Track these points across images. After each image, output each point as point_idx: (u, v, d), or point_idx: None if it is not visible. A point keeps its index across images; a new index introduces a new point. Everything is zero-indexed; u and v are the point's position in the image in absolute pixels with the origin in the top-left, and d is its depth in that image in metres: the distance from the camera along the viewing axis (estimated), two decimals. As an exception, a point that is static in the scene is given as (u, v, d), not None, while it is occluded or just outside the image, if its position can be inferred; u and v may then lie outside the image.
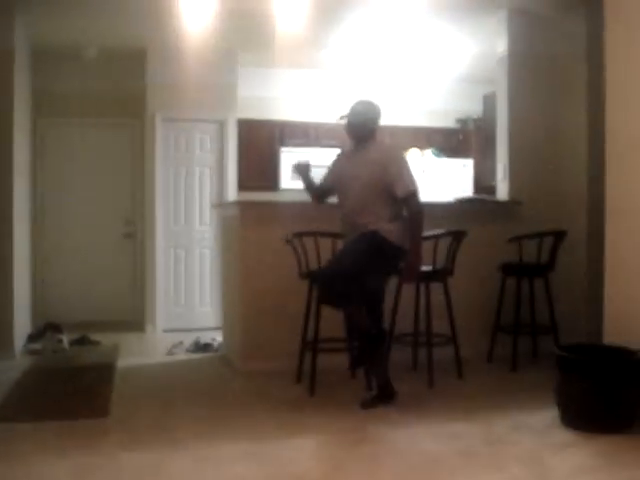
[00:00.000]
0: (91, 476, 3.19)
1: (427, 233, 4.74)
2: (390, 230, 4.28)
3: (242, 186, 7.69)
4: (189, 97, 7.09)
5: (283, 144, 8.22)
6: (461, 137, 8.83)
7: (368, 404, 4.21)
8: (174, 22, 6.12)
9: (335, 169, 4.67)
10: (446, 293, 4.91)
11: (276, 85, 8.28)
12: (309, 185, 4.74)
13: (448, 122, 8.91)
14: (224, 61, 7.33)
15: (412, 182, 4.28)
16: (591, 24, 5.51)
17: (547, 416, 3.96)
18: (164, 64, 7.05)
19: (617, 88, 4.21)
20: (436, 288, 4.87)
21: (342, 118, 4.53)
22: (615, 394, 3.71)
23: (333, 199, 4.68)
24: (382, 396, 4.28)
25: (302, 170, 4.69)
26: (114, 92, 7.33)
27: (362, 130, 4.48)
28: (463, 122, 8.87)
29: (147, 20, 6.22)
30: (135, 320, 7.42)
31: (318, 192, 4.76)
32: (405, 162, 4.40)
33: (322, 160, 8.08)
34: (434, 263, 4.78)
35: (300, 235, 4.68)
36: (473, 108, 8.49)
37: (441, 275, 4.87)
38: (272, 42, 6.89)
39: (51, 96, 7.26)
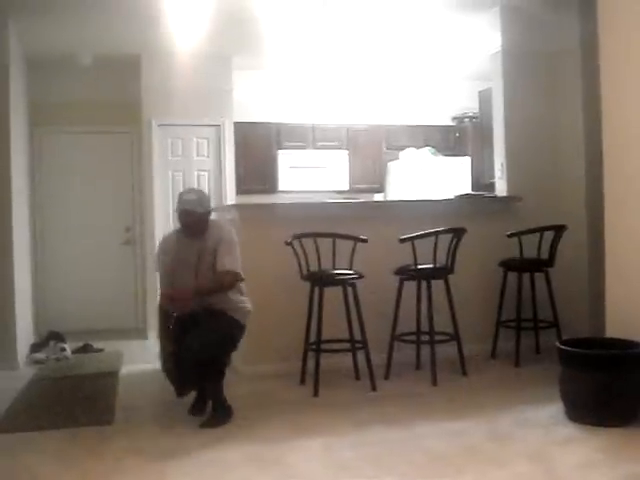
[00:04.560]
0: (97, 484, 3.19)
1: (427, 231, 4.76)
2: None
3: (240, 189, 7.69)
4: (185, 102, 7.11)
5: (280, 146, 8.22)
6: (457, 135, 8.84)
7: (208, 424, 4.02)
8: (168, 28, 6.14)
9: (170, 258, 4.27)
10: (447, 290, 4.91)
11: (272, 87, 8.28)
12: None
13: (444, 120, 8.91)
14: (219, 65, 7.33)
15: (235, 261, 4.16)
16: (584, 19, 5.51)
17: (552, 411, 3.97)
18: (159, 70, 7.06)
19: (612, 82, 4.21)
20: (437, 286, 4.88)
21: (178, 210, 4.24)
22: (619, 387, 3.71)
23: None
24: (224, 414, 4.10)
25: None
26: (110, 99, 7.34)
27: (194, 217, 4.18)
28: (459, 119, 8.87)
29: (141, 26, 6.23)
30: (137, 327, 7.42)
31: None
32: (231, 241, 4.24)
33: (319, 162, 8.22)
34: (435, 261, 4.78)
35: (300, 237, 4.68)
36: (469, 105, 8.49)
37: (442, 273, 4.88)
38: (266, 45, 6.93)
39: (47, 105, 7.27)
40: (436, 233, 4.78)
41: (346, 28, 6.64)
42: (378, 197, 8.54)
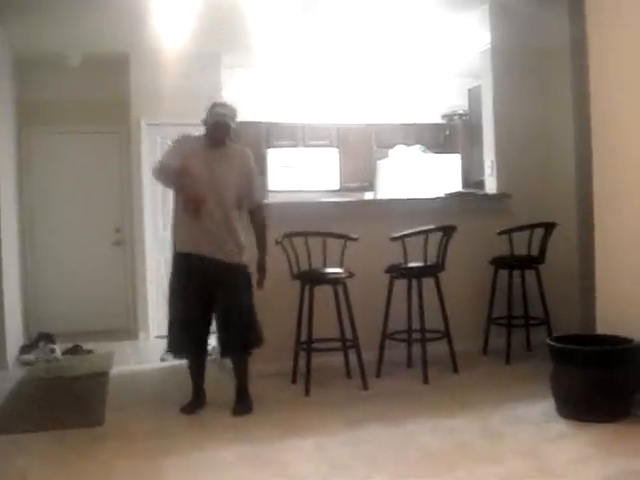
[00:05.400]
0: (88, 485, 3.17)
1: (417, 229, 4.76)
2: (246, 260, 4.28)
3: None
4: (174, 101, 7.06)
5: (270, 145, 8.20)
6: (447, 132, 8.84)
7: (242, 411, 4.16)
8: (156, 26, 6.12)
9: (195, 163, 4.11)
10: (438, 288, 4.92)
11: (261, 86, 8.27)
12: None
13: (434, 118, 8.92)
14: (208, 63, 7.30)
15: (262, 192, 4.33)
16: (574, 17, 5.52)
17: (543, 407, 3.98)
18: (148, 69, 7.02)
19: (601, 80, 4.22)
20: (428, 284, 4.88)
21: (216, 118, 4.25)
22: (610, 383, 3.73)
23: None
24: (250, 401, 4.28)
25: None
26: (98, 98, 7.30)
27: (228, 130, 4.27)
28: (449, 117, 8.88)
29: (129, 25, 6.20)
30: (127, 327, 7.40)
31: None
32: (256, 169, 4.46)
33: (309, 160, 8.21)
34: (425, 259, 4.78)
35: (290, 236, 4.67)
36: (458, 103, 8.50)
37: (432, 270, 4.88)
38: (255, 43, 6.91)
39: (35, 105, 7.23)
40: (426, 231, 4.78)
41: (336, 26, 6.63)
42: (369, 195, 8.54)
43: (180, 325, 4.16)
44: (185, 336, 4.16)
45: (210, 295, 4.14)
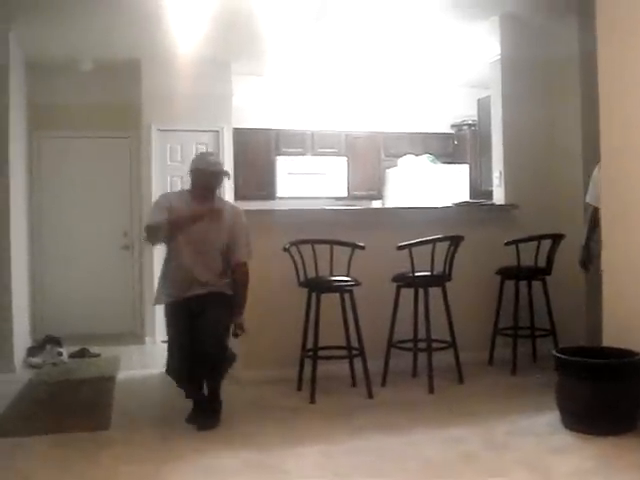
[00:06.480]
0: (92, 489, 3.19)
1: (424, 238, 4.76)
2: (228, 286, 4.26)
3: (239, 195, 7.68)
4: (184, 107, 7.12)
5: (279, 152, 8.23)
6: (456, 142, 8.85)
7: (209, 425, 4.04)
8: (168, 33, 6.16)
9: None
10: (444, 298, 4.92)
11: (271, 93, 8.30)
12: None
13: (443, 127, 8.93)
14: (218, 70, 7.34)
15: (248, 250, 4.26)
16: (583, 28, 5.53)
17: (548, 419, 3.97)
18: (159, 75, 7.07)
19: (610, 91, 4.22)
20: (434, 293, 4.88)
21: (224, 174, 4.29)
22: (615, 397, 3.72)
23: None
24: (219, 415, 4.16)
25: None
26: (109, 103, 7.34)
27: (221, 180, 4.28)
28: (458, 127, 8.89)
29: (141, 31, 6.24)
30: (134, 332, 7.41)
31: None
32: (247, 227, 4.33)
33: (317, 168, 8.23)
34: (432, 268, 4.79)
35: (297, 243, 4.68)
36: (467, 113, 8.51)
37: (439, 280, 4.88)
38: (266, 51, 6.94)
39: (47, 109, 7.26)
40: (434, 240, 4.78)
41: (346, 35, 6.66)
42: (376, 204, 8.55)
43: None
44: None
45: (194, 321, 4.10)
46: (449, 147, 8.86)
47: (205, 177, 4.17)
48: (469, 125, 8.64)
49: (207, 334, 3.99)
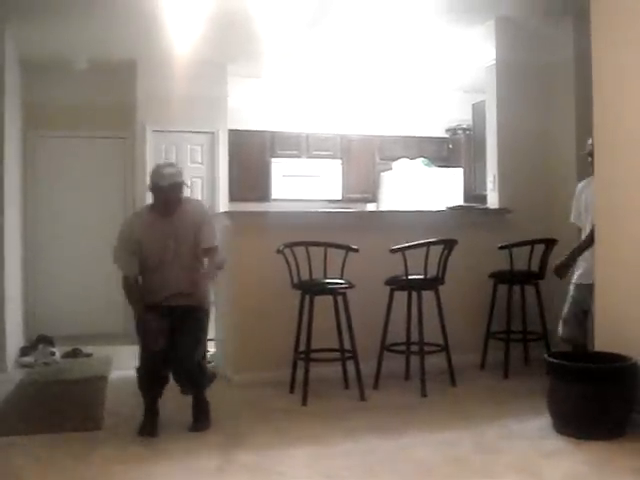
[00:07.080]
0: (84, 489, 3.18)
1: (418, 241, 4.77)
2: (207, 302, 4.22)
3: (234, 197, 7.70)
4: (179, 108, 7.13)
5: (274, 154, 8.25)
6: (451, 146, 8.88)
7: (202, 427, 4.04)
8: (164, 34, 6.16)
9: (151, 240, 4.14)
10: (438, 301, 4.92)
11: (267, 95, 8.31)
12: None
13: (438, 131, 8.96)
14: (214, 72, 7.36)
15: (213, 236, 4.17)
16: (578, 33, 5.56)
17: (539, 423, 3.98)
18: (154, 76, 7.08)
19: (605, 96, 4.24)
20: (427, 296, 4.89)
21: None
22: (606, 401, 3.73)
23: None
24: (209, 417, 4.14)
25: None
26: (104, 104, 7.33)
27: (182, 189, 4.13)
28: (452, 131, 8.92)
29: (137, 32, 6.25)
30: (127, 332, 7.37)
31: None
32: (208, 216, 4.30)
33: (312, 170, 8.24)
34: (425, 271, 4.80)
35: (291, 245, 4.69)
36: (462, 117, 8.54)
37: (432, 283, 4.89)
38: (262, 53, 6.94)
39: (41, 109, 7.26)
40: (427, 244, 4.79)
41: (342, 39, 6.68)
42: (371, 207, 8.57)
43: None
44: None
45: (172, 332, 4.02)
46: (444, 151, 8.89)
47: (162, 193, 4.05)
48: (464, 129, 8.66)
49: (185, 354, 3.94)
